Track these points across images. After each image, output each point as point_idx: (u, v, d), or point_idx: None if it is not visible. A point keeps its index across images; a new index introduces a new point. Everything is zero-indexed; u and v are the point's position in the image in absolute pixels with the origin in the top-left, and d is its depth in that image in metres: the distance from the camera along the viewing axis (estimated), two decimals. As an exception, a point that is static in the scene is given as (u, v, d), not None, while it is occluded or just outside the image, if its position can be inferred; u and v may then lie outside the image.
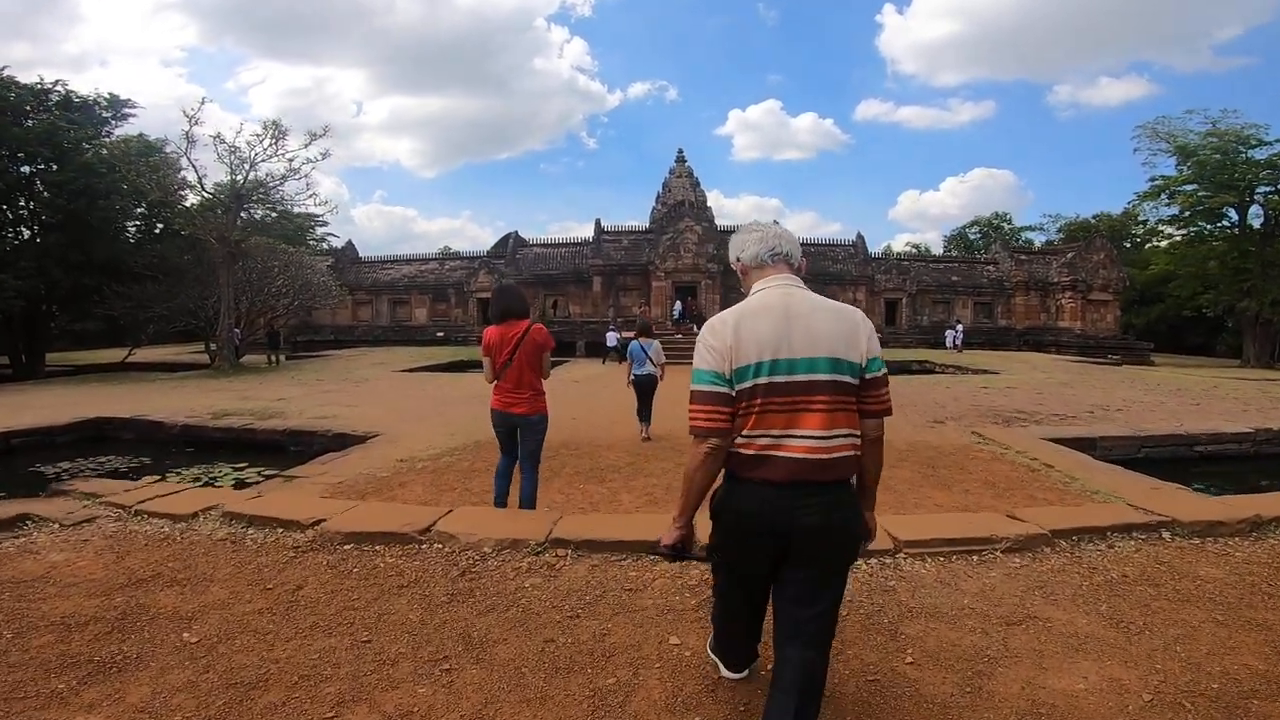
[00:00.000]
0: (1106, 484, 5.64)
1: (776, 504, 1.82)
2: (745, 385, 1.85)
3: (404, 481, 6.08)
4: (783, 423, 1.83)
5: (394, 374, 17.17)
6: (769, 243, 2.03)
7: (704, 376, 1.89)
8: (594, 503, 5.24)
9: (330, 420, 9.47)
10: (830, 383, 1.84)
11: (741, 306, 1.97)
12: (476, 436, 8.02)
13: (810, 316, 1.89)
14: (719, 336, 1.89)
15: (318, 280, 25.36)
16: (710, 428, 1.85)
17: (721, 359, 1.87)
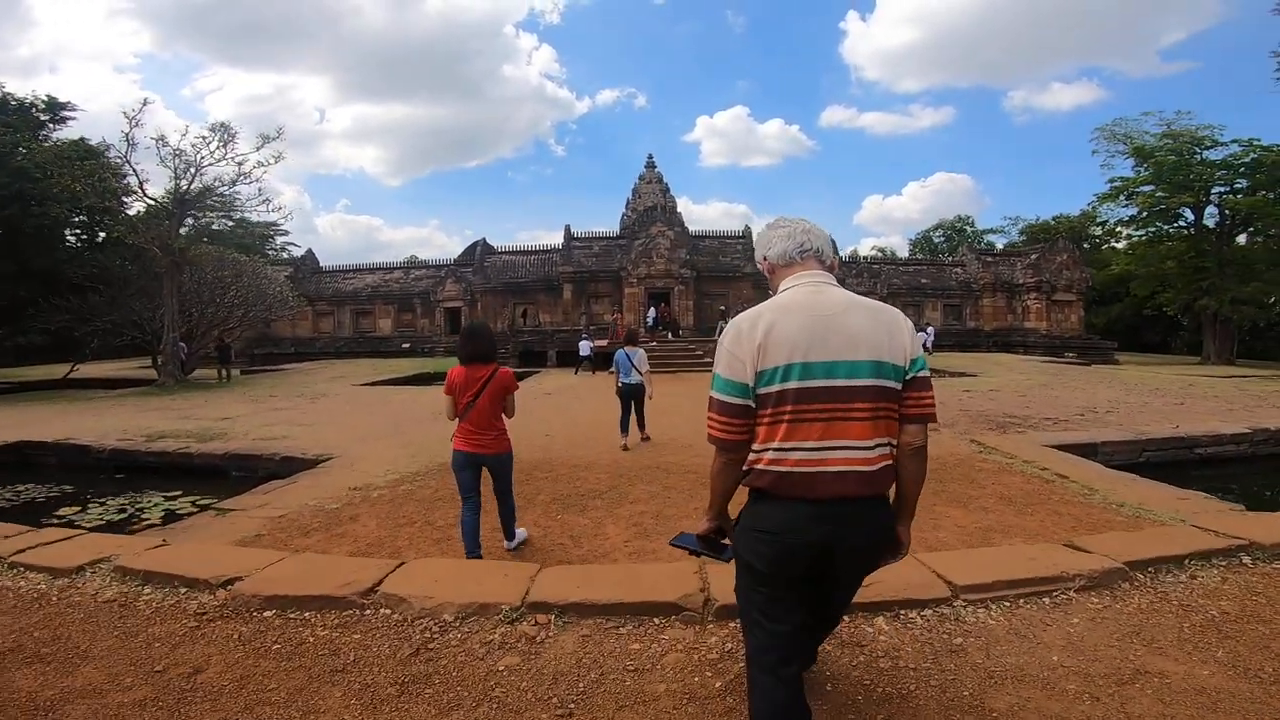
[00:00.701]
0: (1130, 496, 5.22)
1: (818, 524, 1.68)
2: (772, 389, 1.69)
3: (356, 514, 5.36)
4: (819, 433, 1.67)
5: (354, 388, 16.23)
6: (797, 238, 1.89)
7: (723, 385, 1.76)
8: (575, 537, 4.61)
9: (278, 442, 8.65)
10: (873, 389, 1.69)
11: (769, 304, 1.81)
12: (440, 458, 7.29)
13: (846, 315, 1.73)
14: (744, 337, 1.73)
15: (274, 291, 24.12)
16: (726, 440, 1.77)
17: (744, 365, 1.72)
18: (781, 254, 1.89)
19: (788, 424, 1.68)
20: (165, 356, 18.30)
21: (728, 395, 1.74)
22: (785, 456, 1.69)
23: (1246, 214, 30.42)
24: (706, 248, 31.42)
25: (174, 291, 18.01)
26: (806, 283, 1.82)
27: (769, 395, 1.70)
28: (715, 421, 1.78)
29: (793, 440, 1.68)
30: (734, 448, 1.77)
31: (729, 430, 1.74)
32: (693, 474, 6.27)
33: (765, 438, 1.72)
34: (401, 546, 4.61)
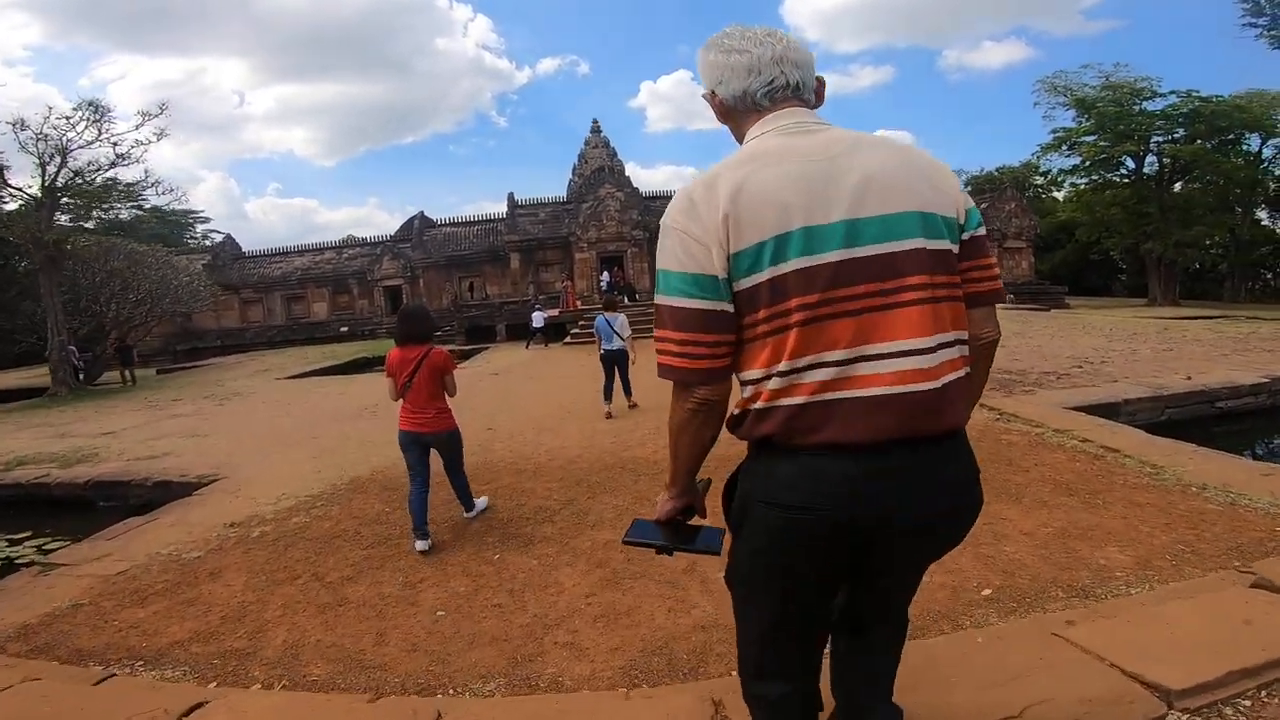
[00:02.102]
0: (1205, 473, 4.24)
1: (865, 486, 1.09)
2: (760, 279, 1.10)
3: (221, 567, 3.99)
4: (849, 334, 1.08)
5: (276, 383, 14.45)
6: (764, 71, 1.20)
7: (677, 285, 1.14)
8: (515, 591, 3.33)
9: (157, 461, 7.08)
10: (924, 253, 1.10)
11: (731, 158, 1.19)
12: (354, 471, 5.90)
13: (857, 153, 1.13)
14: (701, 206, 1.13)
15: (183, 282, 21.71)
16: (693, 369, 1.15)
17: (706, 249, 1.12)
18: (740, 94, 1.24)
19: (798, 329, 1.08)
20: (53, 363, 16.04)
21: (687, 298, 1.14)
22: (798, 381, 1.10)
23: (1187, 162, 31.03)
24: (658, 208, 29.67)
25: (54, 290, 15.73)
26: (786, 125, 1.19)
27: (756, 290, 1.11)
28: (671, 344, 1.17)
29: (808, 353, 1.09)
30: (706, 379, 1.16)
31: (696, 353, 1.14)
32: (668, 476, 5.04)
33: (762, 359, 1.13)
34: (270, 620, 3.29)
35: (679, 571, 3.37)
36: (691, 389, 1.17)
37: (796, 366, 1.10)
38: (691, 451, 1.26)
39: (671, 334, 1.15)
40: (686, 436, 1.23)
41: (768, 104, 1.21)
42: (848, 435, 1.08)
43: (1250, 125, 29.58)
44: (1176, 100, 30.61)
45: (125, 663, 2.98)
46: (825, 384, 1.09)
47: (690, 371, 1.15)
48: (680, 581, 3.27)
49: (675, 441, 1.26)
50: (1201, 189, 33.09)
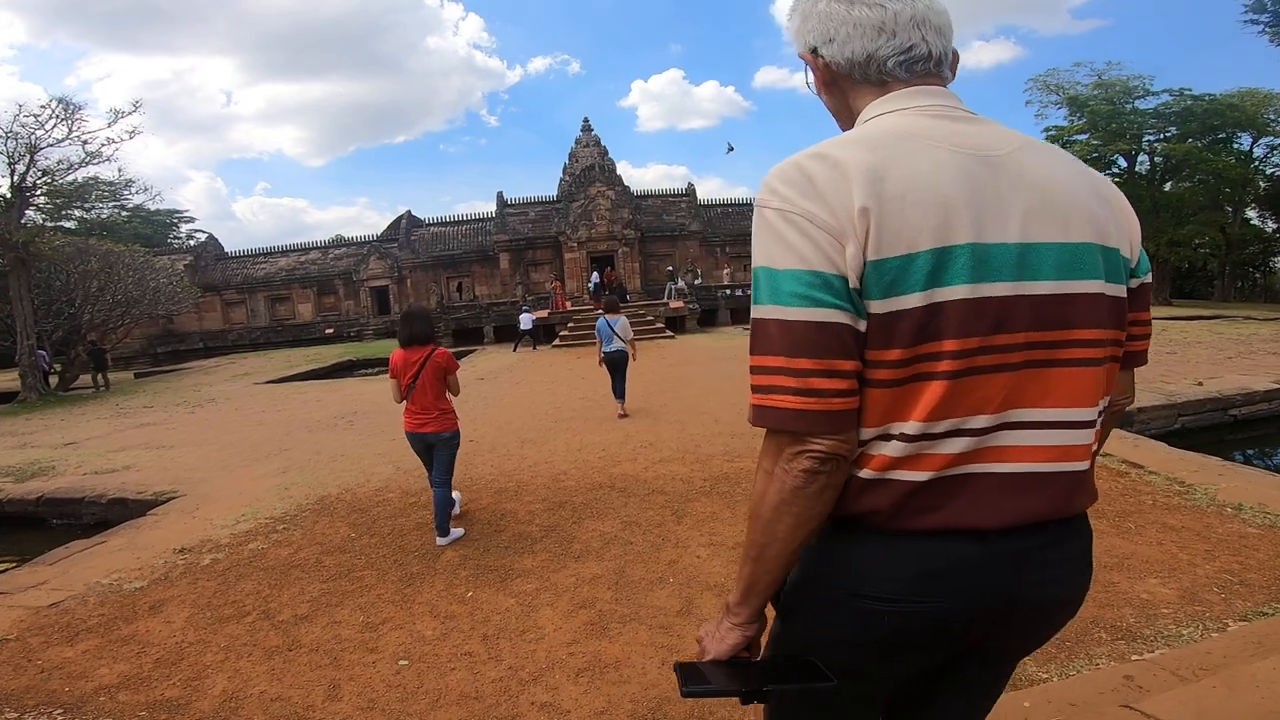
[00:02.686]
0: (1239, 491, 3.93)
1: (978, 577, 0.84)
2: (904, 303, 0.79)
3: (163, 600, 3.62)
4: (1001, 394, 0.82)
5: (255, 388, 13.97)
6: (900, 33, 0.89)
7: (792, 284, 0.80)
8: (490, 637, 2.95)
9: (117, 476, 6.64)
10: (1105, 302, 0.86)
11: (858, 134, 0.88)
12: (323, 489, 5.50)
13: (1026, 155, 0.85)
14: (823, 182, 0.80)
15: (161, 283, 21.10)
16: (820, 410, 0.79)
17: (839, 239, 0.79)
18: (862, 59, 0.90)
19: (945, 382, 0.80)
20: (22, 368, 15.47)
21: (812, 307, 0.79)
22: (929, 451, 0.82)
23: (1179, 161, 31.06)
24: (650, 207, 29.65)
25: (23, 292, 15.16)
26: (930, 105, 0.88)
27: (895, 318, 0.79)
28: (784, 375, 0.80)
29: (951, 415, 0.81)
30: (836, 426, 0.80)
31: (825, 388, 0.79)
32: (664, 494, 4.67)
33: (879, 413, 0.82)
34: (210, 666, 2.93)
35: (673, 615, 3.01)
36: (807, 441, 0.81)
37: (932, 431, 0.82)
38: (790, 541, 0.86)
39: (784, 360, 0.80)
40: (789, 518, 0.84)
41: (902, 76, 0.91)
42: (976, 519, 0.84)
43: (1242, 124, 29.55)
44: (1169, 99, 30.55)
45: (43, 710, 2.67)
46: (960, 456, 0.83)
47: (815, 416, 0.80)
48: (674, 626, 2.91)
49: (766, 529, 0.86)
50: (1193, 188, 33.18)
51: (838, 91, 0.97)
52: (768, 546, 0.86)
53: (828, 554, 0.90)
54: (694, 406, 8.01)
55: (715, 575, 3.37)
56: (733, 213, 32.19)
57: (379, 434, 7.73)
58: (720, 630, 0.93)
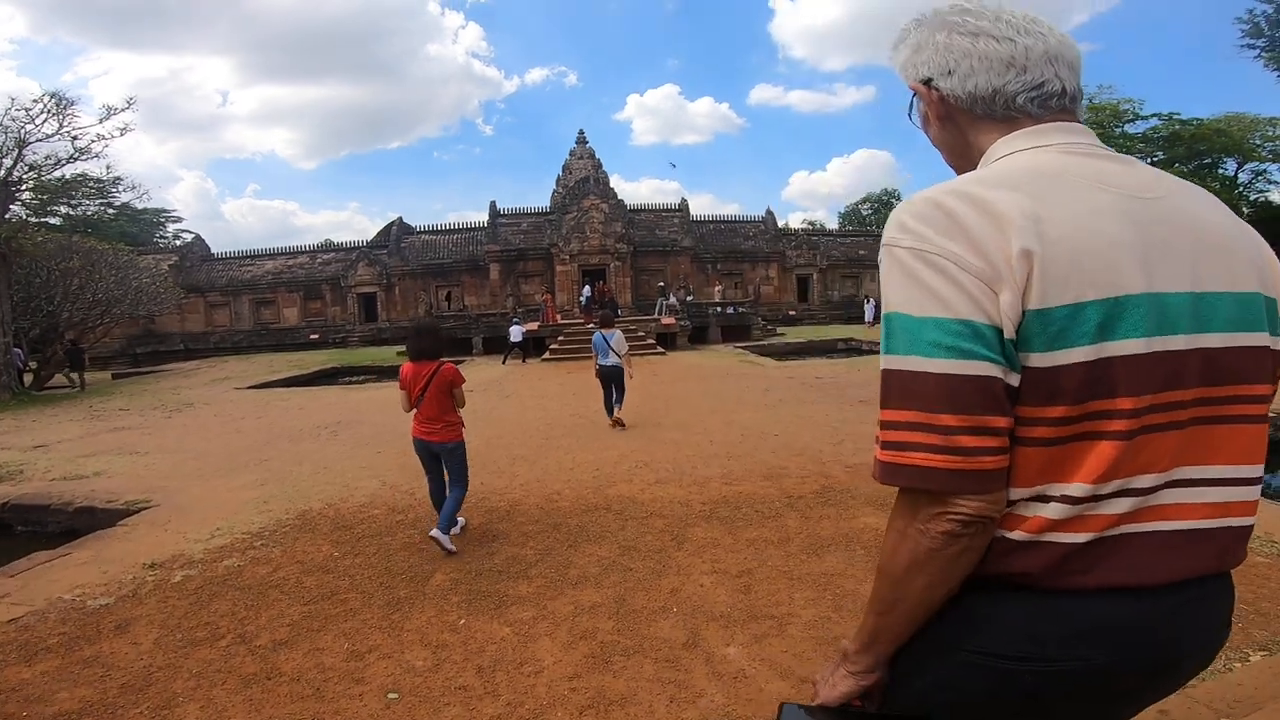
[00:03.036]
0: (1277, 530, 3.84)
1: (1132, 636, 0.78)
2: (1072, 356, 0.72)
3: (129, 619, 3.40)
4: (1170, 453, 0.77)
5: (235, 393, 13.62)
6: (1032, 69, 0.83)
7: (936, 334, 0.73)
8: (485, 669, 2.75)
9: (87, 482, 6.35)
10: (1270, 356, 0.81)
11: (1005, 172, 0.81)
12: (305, 503, 5.26)
13: (1185, 198, 0.81)
14: (968, 223, 0.73)
15: (145, 283, 20.69)
16: (969, 469, 0.72)
17: (992, 286, 0.72)
18: (987, 94, 0.85)
19: (1116, 442, 0.73)
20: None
21: (961, 359, 0.71)
22: (1093, 512, 0.75)
23: (1165, 186, 31.65)
24: (642, 221, 29.66)
25: (3, 289, 14.76)
26: (1072, 144, 0.83)
27: (1060, 373, 0.72)
28: (931, 432, 0.72)
29: (1118, 476, 0.74)
30: (983, 485, 0.73)
31: (977, 446, 0.71)
32: (662, 518, 4.50)
33: (1033, 472, 0.75)
34: (180, 694, 2.73)
35: (679, 647, 2.83)
36: (949, 502, 0.74)
37: (1099, 493, 0.75)
38: (923, 602, 0.81)
39: (923, 415, 0.73)
40: (922, 579, 0.78)
41: (1033, 112, 0.86)
42: (1136, 577, 0.78)
43: (1228, 149, 29.95)
44: (1158, 123, 30.92)
45: (-3, 740, 2.45)
46: (1123, 516, 0.77)
47: (961, 476, 0.73)
48: (682, 660, 2.73)
49: (896, 586, 0.81)
50: None
51: (953, 127, 0.92)
52: (897, 603, 0.82)
53: (961, 612, 0.83)
54: (688, 426, 7.86)
55: (720, 605, 3.20)
56: (724, 229, 32.30)
57: (364, 446, 7.49)
58: (835, 676, 0.90)
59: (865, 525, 4.25)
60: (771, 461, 5.93)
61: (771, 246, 31.46)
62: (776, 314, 28.73)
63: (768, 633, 2.95)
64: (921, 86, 0.91)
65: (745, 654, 2.78)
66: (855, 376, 11.83)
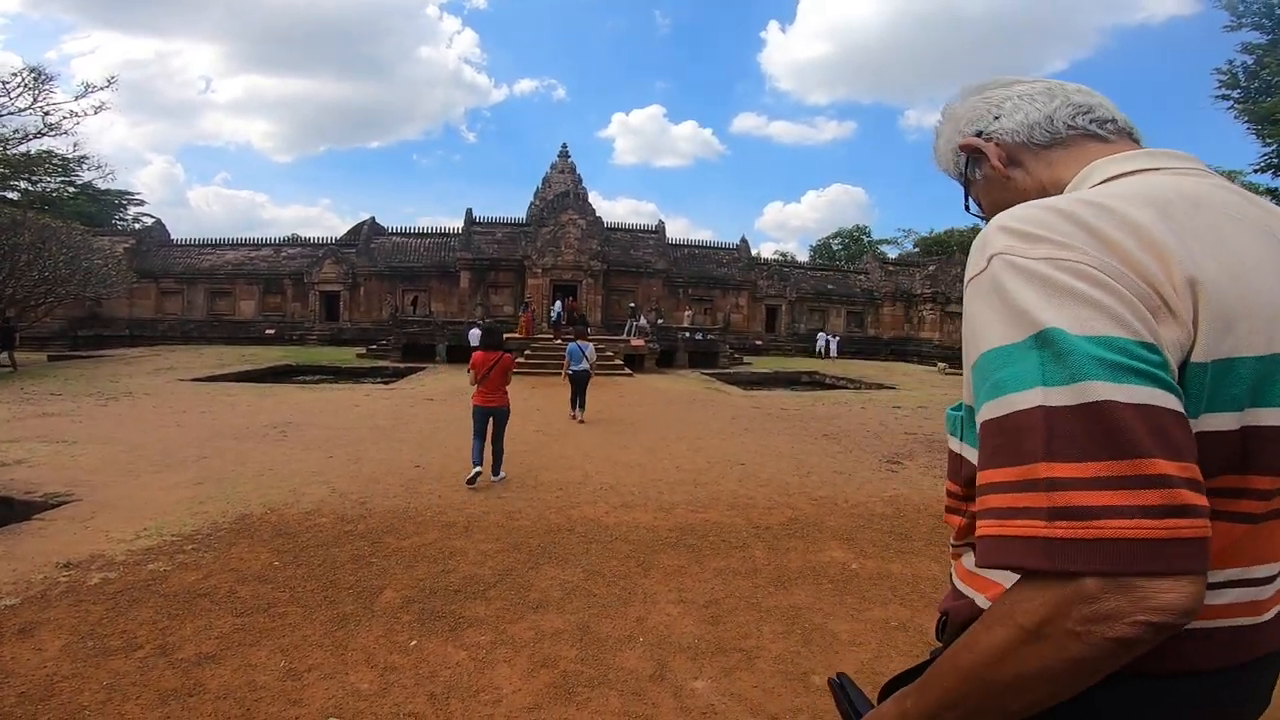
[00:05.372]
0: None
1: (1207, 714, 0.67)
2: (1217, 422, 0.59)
3: (35, 623, 3.07)
4: None
5: (179, 385, 12.95)
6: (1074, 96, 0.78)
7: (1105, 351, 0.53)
8: (438, 696, 2.53)
9: (7, 470, 5.86)
10: None
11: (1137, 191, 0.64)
12: (244, 507, 4.93)
13: None
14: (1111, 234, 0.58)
15: (94, 264, 19.72)
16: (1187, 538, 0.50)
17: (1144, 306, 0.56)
18: (1041, 117, 0.77)
19: (1245, 524, 0.63)
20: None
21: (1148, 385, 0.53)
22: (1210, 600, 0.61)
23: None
24: (618, 240, 29.66)
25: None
26: (1185, 168, 0.69)
27: (1213, 438, 0.59)
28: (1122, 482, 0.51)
29: (1237, 562, 0.65)
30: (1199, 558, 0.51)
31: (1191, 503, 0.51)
32: (628, 543, 4.33)
33: None
34: (87, 707, 2.47)
35: (646, 679, 2.67)
36: (1141, 588, 0.51)
37: (1211, 581, 0.59)
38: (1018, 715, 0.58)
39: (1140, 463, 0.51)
40: (1046, 690, 0.56)
41: (1098, 133, 0.76)
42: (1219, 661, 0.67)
43: None
44: None
45: None
46: (1228, 608, 0.66)
47: (1184, 547, 0.51)
48: (649, 693, 2.57)
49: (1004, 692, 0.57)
50: None
51: (1021, 171, 0.80)
52: (977, 714, 0.59)
53: None
54: (654, 450, 7.72)
55: (688, 637, 3.04)
56: (699, 255, 32.53)
57: (314, 449, 7.12)
58: None
59: (833, 559, 4.15)
60: (738, 490, 5.82)
61: (744, 275, 31.79)
62: (744, 342, 28.93)
63: (736, 666, 2.80)
64: (974, 141, 0.82)
65: (714, 688, 2.63)
66: (820, 410, 11.88)
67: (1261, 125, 20.19)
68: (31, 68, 14.66)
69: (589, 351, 9.99)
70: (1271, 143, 20.38)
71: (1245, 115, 20.36)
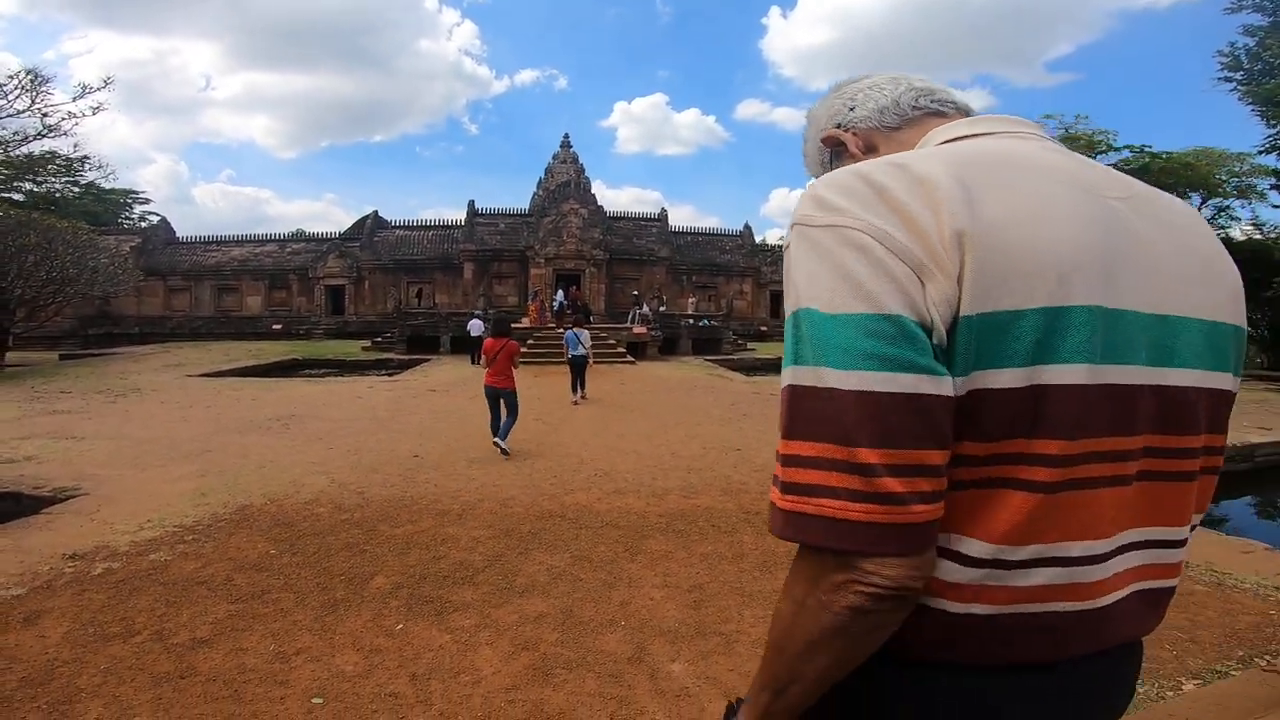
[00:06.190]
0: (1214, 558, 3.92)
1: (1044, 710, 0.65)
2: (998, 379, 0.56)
3: (39, 611, 3.19)
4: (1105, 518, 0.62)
5: (186, 380, 13.13)
6: (917, 84, 0.82)
7: (853, 335, 0.55)
8: (419, 677, 2.62)
9: (16, 467, 6.00)
10: (1228, 399, 0.69)
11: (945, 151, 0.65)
12: (245, 498, 5.04)
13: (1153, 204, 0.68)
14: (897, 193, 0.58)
15: (101, 263, 19.91)
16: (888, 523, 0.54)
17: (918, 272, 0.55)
18: (889, 102, 0.81)
19: (1037, 493, 0.57)
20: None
21: (884, 370, 0.54)
22: (1000, 582, 0.59)
23: (1130, 220, 32.26)
24: (620, 229, 29.64)
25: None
26: (1013, 131, 0.71)
27: (980, 399, 0.56)
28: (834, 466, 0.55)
29: (1040, 538, 0.59)
30: (911, 543, 0.55)
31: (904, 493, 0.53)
32: (618, 529, 4.40)
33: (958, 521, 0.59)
34: (84, 689, 2.58)
35: (623, 661, 2.74)
36: (859, 567, 0.56)
37: (1007, 559, 0.59)
38: (821, 684, 0.63)
39: (838, 449, 0.55)
40: (823, 659, 0.60)
41: (939, 110, 0.80)
42: (1046, 654, 0.64)
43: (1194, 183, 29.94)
44: (1129, 155, 31.30)
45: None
46: (1041, 590, 0.61)
47: (883, 531, 0.55)
48: (625, 675, 2.64)
49: (791, 667, 0.63)
50: None
51: (877, 155, 0.81)
52: (791, 684, 0.63)
53: (852, 686, 0.67)
54: (651, 437, 7.79)
55: (669, 620, 3.11)
56: (702, 242, 32.45)
57: (316, 441, 7.24)
58: None
59: (821, 543, 4.21)
60: (732, 476, 5.88)
61: (747, 262, 31.70)
62: (748, 329, 28.90)
63: (714, 649, 2.87)
64: (835, 132, 0.85)
65: (690, 671, 2.70)
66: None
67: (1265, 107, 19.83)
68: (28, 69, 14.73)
69: (584, 338, 10.86)
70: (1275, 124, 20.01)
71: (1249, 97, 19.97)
